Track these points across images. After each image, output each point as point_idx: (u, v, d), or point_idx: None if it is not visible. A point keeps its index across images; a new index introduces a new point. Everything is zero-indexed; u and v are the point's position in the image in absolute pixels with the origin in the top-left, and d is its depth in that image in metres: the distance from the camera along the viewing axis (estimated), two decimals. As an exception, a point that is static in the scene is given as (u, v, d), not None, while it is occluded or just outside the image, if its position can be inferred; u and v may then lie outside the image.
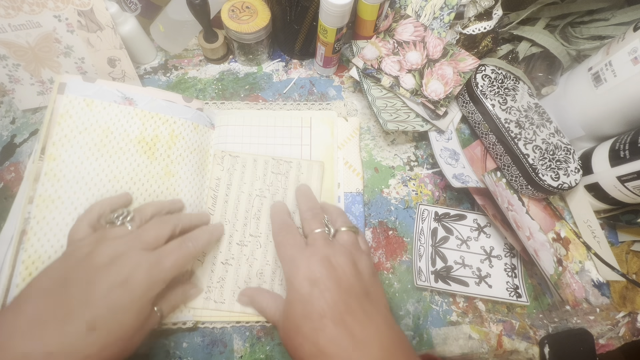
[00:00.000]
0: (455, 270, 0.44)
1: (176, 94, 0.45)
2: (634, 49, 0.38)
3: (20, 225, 0.35)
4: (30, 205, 0.36)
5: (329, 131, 0.48)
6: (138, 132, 0.41)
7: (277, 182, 0.44)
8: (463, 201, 0.48)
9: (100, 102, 0.40)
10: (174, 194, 0.41)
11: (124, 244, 0.30)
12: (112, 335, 0.27)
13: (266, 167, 0.44)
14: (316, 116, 0.49)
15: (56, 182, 0.37)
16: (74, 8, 0.41)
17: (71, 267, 0.29)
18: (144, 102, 0.42)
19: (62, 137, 0.38)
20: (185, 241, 0.33)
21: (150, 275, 0.29)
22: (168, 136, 0.42)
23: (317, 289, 0.30)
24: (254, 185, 0.43)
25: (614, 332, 0.44)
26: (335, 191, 0.45)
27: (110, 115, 0.40)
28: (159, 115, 0.42)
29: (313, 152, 0.47)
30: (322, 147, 0.47)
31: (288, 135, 0.47)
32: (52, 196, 0.36)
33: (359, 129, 0.50)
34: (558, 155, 0.44)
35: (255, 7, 0.47)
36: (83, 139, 0.39)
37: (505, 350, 0.42)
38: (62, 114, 0.39)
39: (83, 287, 0.27)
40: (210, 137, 0.46)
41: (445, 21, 0.48)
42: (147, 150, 0.41)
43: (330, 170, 0.46)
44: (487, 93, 0.46)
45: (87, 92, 0.40)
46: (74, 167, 0.38)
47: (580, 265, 0.46)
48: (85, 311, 0.26)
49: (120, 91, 0.42)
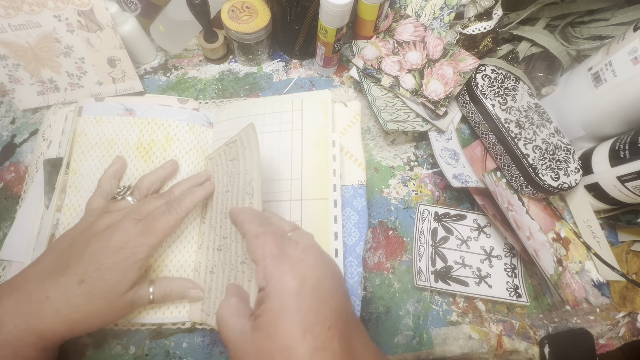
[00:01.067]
0: (455, 270, 0.44)
1: (172, 97, 0.47)
2: (634, 49, 0.38)
3: (50, 230, 0.40)
4: (59, 213, 0.40)
5: (322, 111, 0.43)
6: (136, 139, 0.43)
7: (234, 170, 0.37)
8: (463, 201, 0.48)
9: (106, 117, 0.44)
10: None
11: (119, 215, 0.35)
12: (97, 291, 0.31)
13: (226, 158, 0.39)
14: (308, 97, 0.44)
15: (77, 192, 0.41)
16: (74, 8, 0.41)
17: (78, 232, 0.34)
18: (141, 111, 0.45)
19: (80, 153, 0.43)
20: (170, 206, 0.35)
21: (136, 239, 0.33)
22: (163, 139, 0.44)
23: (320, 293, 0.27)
24: (222, 181, 0.39)
25: (614, 332, 0.44)
26: (330, 178, 0.40)
27: (114, 127, 0.44)
28: (154, 120, 0.44)
29: (304, 136, 0.42)
30: (315, 129, 0.42)
31: (278, 121, 0.43)
32: (74, 205, 0.41)
33: (360, 114, 0.47)
34: (558, 155, 0.44)
35: (255, 7, 0.47)
36: (94, 153, 0.43)
37: (505, 350, 0.42)
38: (79, 133, 0.43)
39: (80, 248, 0.32)
40: (207, 135, 0.46)
41: (445, 21, 0.48)
42: (145, 154, 0.43)
43: (323, 155, 0.41)
44: (487, 93, 0.46)
45: (97, 111, 0.44)
46: (88, 178, 0.42)
47: (580, 265, 0.46)
48: (77, 266, 0.31)
49: (122, 104, 0.45)
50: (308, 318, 0.23)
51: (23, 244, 0.41)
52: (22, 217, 0.42)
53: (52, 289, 0.30)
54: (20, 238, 0.41)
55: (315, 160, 0.41)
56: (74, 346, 0.37)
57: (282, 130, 0.43)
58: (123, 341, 0.38)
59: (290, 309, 0.23)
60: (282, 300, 0.24)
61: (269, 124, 0.43)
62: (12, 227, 0.41)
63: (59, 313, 0.30)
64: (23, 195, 0.43)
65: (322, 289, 0.25)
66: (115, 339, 0.38)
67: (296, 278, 0.24)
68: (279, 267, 0.25)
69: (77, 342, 0.38)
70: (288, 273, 0.25)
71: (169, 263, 0.39)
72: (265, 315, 0.24)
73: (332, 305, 0.24)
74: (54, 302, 0.30)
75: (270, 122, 0.43)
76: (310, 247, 0.27)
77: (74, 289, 0.30)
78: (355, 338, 0.25)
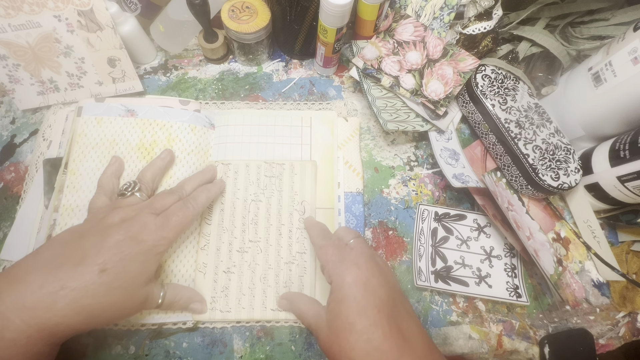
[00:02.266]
0: (455, 270, 0.44)
1: (173, 99, 0.46)
2: (634, 49, 0.38)
3: (47, 231, 0.39)
4: (56, 213, 0.40)
5: (329, 131, 0.48)
6: (138, 139, 0.43)
7: (271, 185, 0.44)
8: (463, 201, 0.48)
9: (107, 118, 0.44)
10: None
11: (134, 210, 0.34)
12: (119, 281, 0.30)
13: (259, 171, 0.44)
14: (316, 116, 0.49)
15: (75, 192, 0.41)
16: (74, 8, 0.41)
17: (88, 227, 0.33)
18: (143, 111, 0.45)
19: (80, 154, 0.42)
20: (186, 202, 0.36)
21: (156, 232, 0.33)
22: (165, 140, 0.43)
23: (370, 286, 0.32)
24: (248, 190, 0.44)
25: (614, 332, 0.44)
26: (335, 190, 0.45)
27: (115, 128, 0.44)
28: (156, 121, 0.44)
29: (313, 151, 0.47)
30: (322, 147, 0.47)
31: (288, 134, 0.47)
32: (72, 205, 0.40)
33: (359, 129, 0.50)
34: (558, 155, 0.44)
35: (255, 7, 0.47)
36: (95, 153, 0.43)
37: (505, 350, 0.42)
38: (79, 133, 0.43)
39: (97, 239, 0.31)
40: (209, 137, 0.46)
41: (445, 21, 0.48)
42: (146, 155, 0.43)
43: (330, 170, 0.46)
44: (487, 93, 0.46)
45: (97, 111, 0.44)
46: (88, 178, 0.42)
47: (580, 265, 0.46)
48: (97, 256, 0.30)
49: (124, 105, 0.45)
50: (361, 303, 0.31)
51: (23, 244, 0.41)
52: (22, 217, 0.42)
53: (69, 279, 0.29)
54: (20, 238, 0.41)
55: (322, 175, 0.46)
56: (75, 345, 0.37)
57: (293, 144, 0.47)
58: (123, 341, 0.38)
59: (348, 297, 0.31)
60: (342, 291, 0.32)
61: (279, 135, 0.47)
62: (12, 227, 0.41)
63: (76, 304, 0.28)
64: (23, 195, 0.43)
65: (371, 284, 0.32)
66: (115, 339, 0.38)
67: (350, 275, 0.32)
68: (339, 268, 0.33)
69: (77, 342, 0.38)
70: (345, 272, 0.33)
71: (171, 263, 0.39)
72: (332, 303, 0.32)
73: (380, 295, 0.31)
74: (71, 292, 0.28)
75: (281, 134, 0.47)
76: (362, 253, 0.34)
77: (94, 278, 0.29)
78: (403, 321, 0.31)
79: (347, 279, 0.32)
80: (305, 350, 0.40)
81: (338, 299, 0.32)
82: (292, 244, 0.42)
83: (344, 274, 0.32)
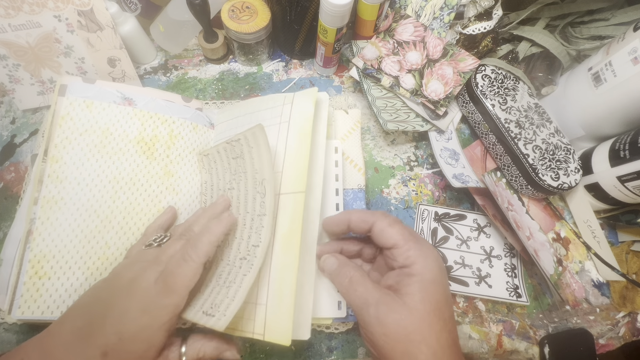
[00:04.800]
0: (455, 270, 0.44)
1: (175, 94, 0.45)
2: (634, 49, 0.38)
3: (26, 226, 0.36)
4: (36, 206, 0.36)
5: (310, 102, 0.40)
6: (137, 132, 0.41)
7: (238, 168, 0.38)
8: (463, 201, 0.48)
9: (99, 103, 0.40)
10: (173, 194, 0.41)
11: (142, 267, 0.31)
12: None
13: (227, 155, 0.39)
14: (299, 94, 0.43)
15: (59, 183, 0.37)
16: (74, 8, 0.41)
17: (103, 286, 0.32)
18: (143, 102, 0.42)
19: (64, 139, 0.38)
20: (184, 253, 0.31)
21: (158, 299, 0.29)
22: (167, 136, 0.42)
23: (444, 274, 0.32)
24: (225, 179, 0.39)
25: (614, 332, 0.44)
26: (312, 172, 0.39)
27: (109, 116, 0.40)
28: (158, 115, 0.42)
29: (291, 127, 0.40)
30: (300, 120, 0.40)
31: (269, 116, 0.42)
32: (56, 197, 0.36)
33: (360, 122, 0.49)
34: (558, 155, 0.44)
35: (255, 7, 0.47)
36: (84, 141, 0.39)
37: (505, 350, 0.42)
38: (63, 116, 0.38)
39: (101, 311, 0.29)
40: (209, 137, 0.46)
41: (445, 21, 0.48)
42: (147, 150, 0.41)
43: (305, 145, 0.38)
44: (487, 93, 0.46)
45: (87, 94, 0.40)
46: (75, 168, 0.38)
47: (580, 265, 0.46)
48: (99, 336, 0.28)
49: (120, 91, 0.41)
50: (447, 291, 0.31)
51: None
52: (22, 217, 0.42)
53: None
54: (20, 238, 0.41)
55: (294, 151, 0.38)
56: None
57: (271, 124, 0.41)
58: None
59: (438, 282, 0.30)
60: (432, 274, 0.30)
61: (262, 118, 0.43)
62: (12, 227, 0.41)
63: None
64: (23, 195, 0.43)
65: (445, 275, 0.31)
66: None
67: (435, 262, 0.31)
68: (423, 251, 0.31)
69: None
70: (430, 256, 0.31)
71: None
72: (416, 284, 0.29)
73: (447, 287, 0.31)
74: None
75: (263, 117, 0.43)
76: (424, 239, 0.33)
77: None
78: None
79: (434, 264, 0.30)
80: (305, 350, 0.40)
81: (427, 282, 0.30)
82: (251, 236, 0.34)
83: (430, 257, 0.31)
